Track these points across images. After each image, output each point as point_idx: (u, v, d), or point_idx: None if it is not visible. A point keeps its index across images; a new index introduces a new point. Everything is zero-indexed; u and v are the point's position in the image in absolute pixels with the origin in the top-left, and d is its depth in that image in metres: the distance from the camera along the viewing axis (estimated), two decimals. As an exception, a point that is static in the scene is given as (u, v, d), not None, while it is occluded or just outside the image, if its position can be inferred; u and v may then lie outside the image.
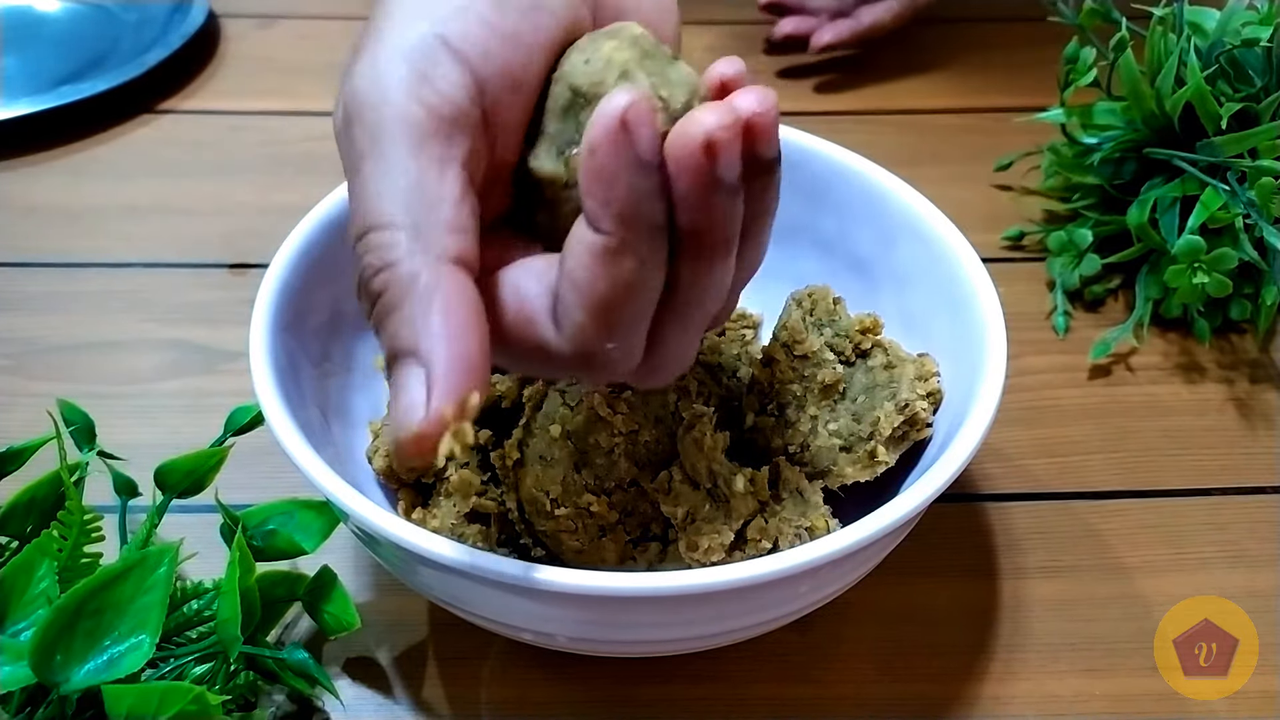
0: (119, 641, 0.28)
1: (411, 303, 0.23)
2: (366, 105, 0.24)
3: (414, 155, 0.24)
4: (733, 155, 0.23)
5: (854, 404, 0.36)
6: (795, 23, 0.68)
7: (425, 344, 0.23)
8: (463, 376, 0.23)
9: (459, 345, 0.23)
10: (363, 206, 0.24)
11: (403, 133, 0.24)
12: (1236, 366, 0.48)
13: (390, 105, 0.24)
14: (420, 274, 0.23)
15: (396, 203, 0.24)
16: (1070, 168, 0.53)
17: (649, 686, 0.35)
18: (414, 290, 0.23)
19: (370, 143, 0.24)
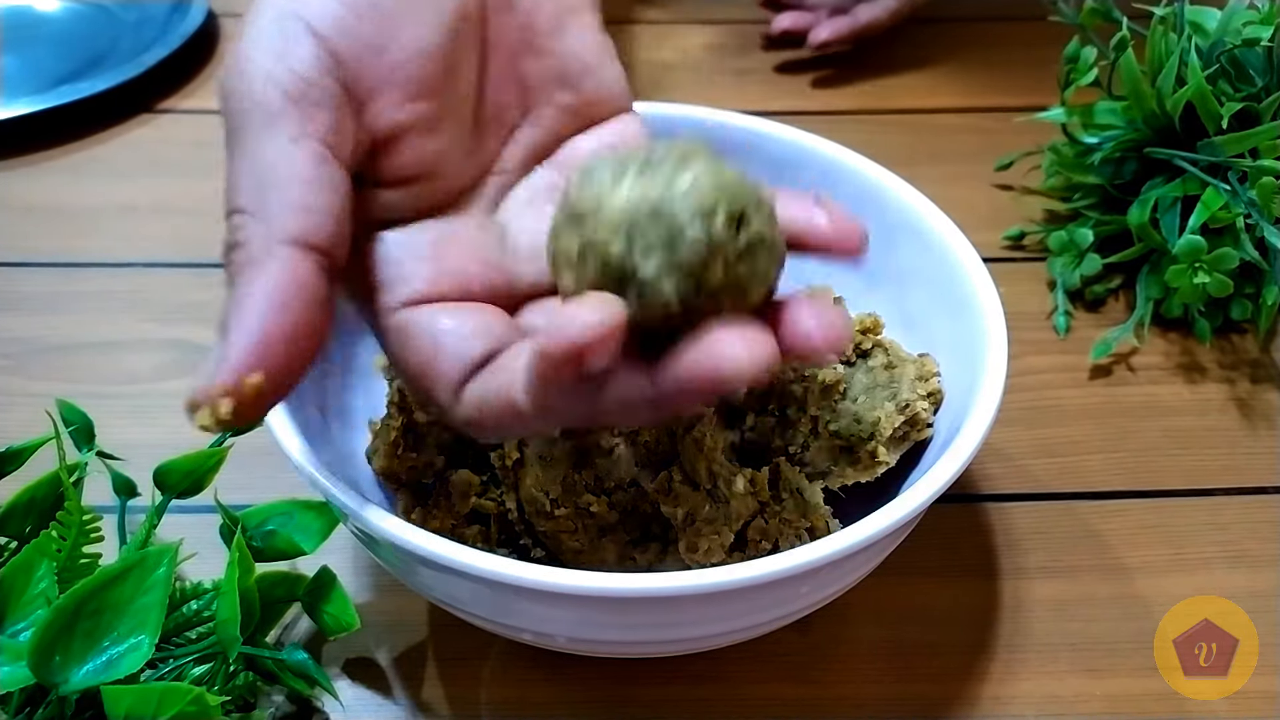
0: (118, 642, 0.28)
1: (239, 283, 0.24)
2: (230, 96, 0.25)
3: (263, 138, 0.25)
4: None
5: (854, 404, 0.36)
6: (792, 18, 0.68)
7: (230, 323, 0.24)
8: (247, 359, 0.23)
9: (256, 328, 0.24)
10: (227, 192, 0.25)
11: (256, 117, 0.25)
12: (1237, 366, 0.48)
13: (251, 94, 0.25)
14: (255, 258, 0.24)
15: (246, 187, 0.25)
16: (1071, 167, 0.53)
17: (649, 687, 0.35)
18: (245, 272, 0.24)
19: (235, 131, 0.25)
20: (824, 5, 0.69)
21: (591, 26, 0.30)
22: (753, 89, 0.67)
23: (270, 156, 0.25)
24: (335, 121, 0.25)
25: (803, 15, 0.69)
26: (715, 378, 0.22)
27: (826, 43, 0.67)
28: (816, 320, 0.24)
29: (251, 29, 0.26)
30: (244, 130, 0.25)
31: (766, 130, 0.42)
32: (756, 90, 0.67)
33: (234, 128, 0.25)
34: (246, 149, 0.25)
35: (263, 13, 0.26)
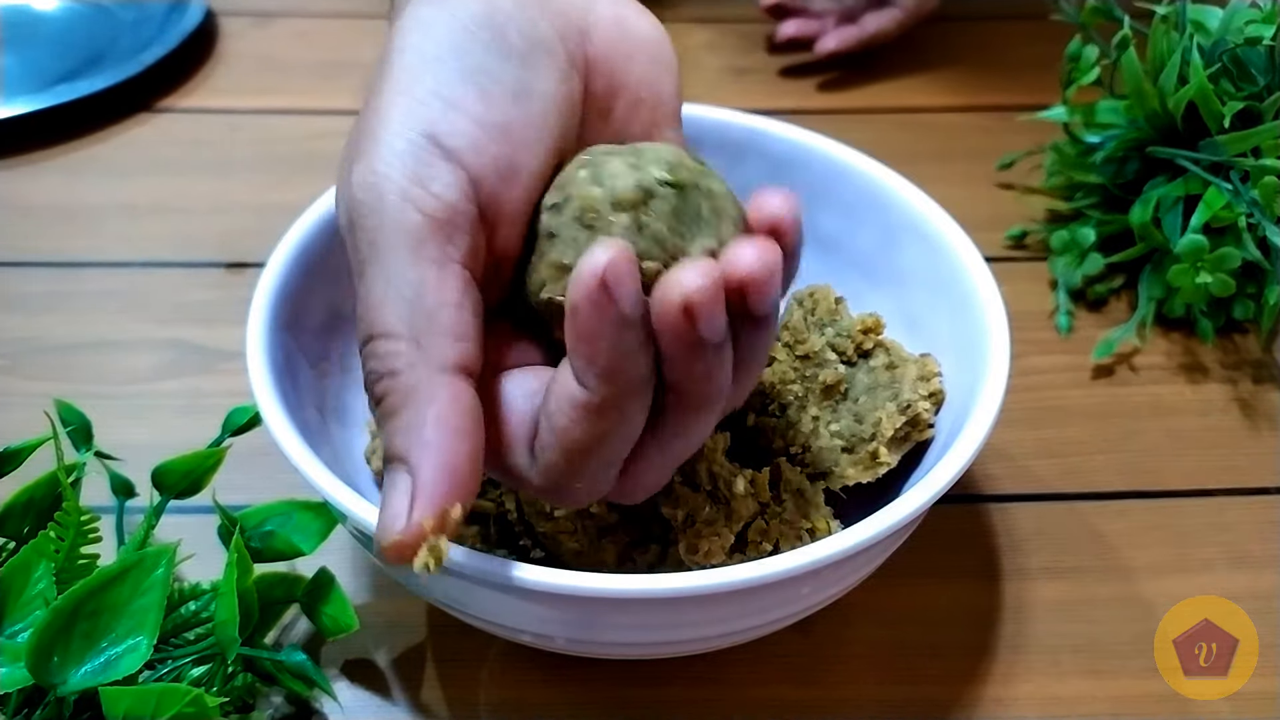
0: (116, 643, 0.28)
1: (408, 412, 0.24)
2: (365, 212, 0.25)
3: (412, 262, 0.24)
4: (713, 317, 0.23)
5: (856, 404, 0.36)
6: (798, 25, 0.68)
7: (415, 454, 0.24)
8: (446, 489, 0.23)
9: (446, 457, 0.24)
10: (367, 314, 0.25)
11: (401, 240, 0.24)
12: (1240, 366, 0.48)
13: (387, 212, 0.24)
14: (419, 385, 0.24)
15: (397, 312, 0.24)
16: (1073, 166, 0.53)
17: (649, 688, 0.35)
18: (411, 400, 0.24)
19: (371, 249, 0.24)
20: (829, 12, 0.69)
21: (677, 142, 0.30)
22: (753, 89, 0.67)
23: (417, 282, 0.24)
24: (474, 245, 0.25)
25: (808, 22, 0.68)
26: (674, 309, 0.23)
27: (834, 53, 0.67)
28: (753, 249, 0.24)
29: (380, 142, 0.25)
30: (383, 250, 0.24)
31: (767, 130, 0.42)
32: (756, 90, 0.67)
33: (370, 245, 0.25)
34: (388, 271, 0.24)
35: (389, 127, 0.25)
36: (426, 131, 0.25)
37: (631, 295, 0.22)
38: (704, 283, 0.23)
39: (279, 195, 0.55)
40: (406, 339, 0.24)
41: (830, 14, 0.69)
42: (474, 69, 0.26)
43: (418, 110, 0.25)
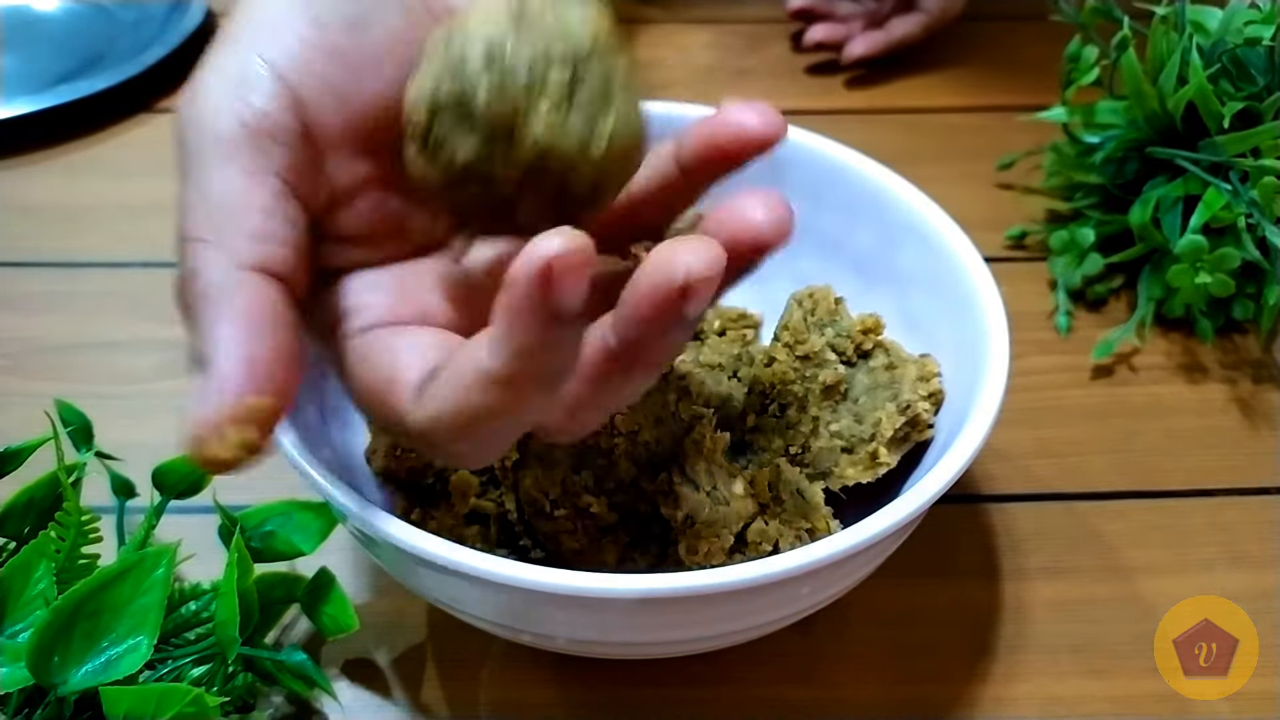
0: (117, 643, 0.28)
1: (206, 311, 0.23)
2: (187, 126, 0.25)
3: (221, 168, 0.24)
4: (702, 301, 0.22)
5: (855, 405, 0.36)
6: (825, 30, 0.68)
7: (210, 350, 0.23)
8: (244, 380, 0.23)
9: (244, 350, 0.23)
10: (180, 221, 0.24)
11: (215, 148, 0.24)
12: (1239, 367, 0.48)
13: (205, 122, 0.25)
14: (217, 284, 0.23)
15: (203, 216, 0.24)
16: (1072, 167, 0.53)
17: (649, 688, 0.35)
18: (209, 299, 0.23)
19: (189, 160, 0.25)
20: (854, 16, 0.69)
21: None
22: (753, 89, 0.67)
23: (226, 186, 0.24)
24: (294, 161, 0.25)
25: (835, 27, 0.69)
26: (670, 289, 0.22)
27: (861, 58, 0.67)
28: (762, 205, 0.24)
29: (213, 61, 0.26)
30: (199, 158, 0.25)
31: (767, 130, 0.42)
32: (756, 90, 0.67)
33: (188, 155, 0.25)
34: (201, 178, 0.24)
35: (226, 48, 0.26)
36: (256, 49, 0.25)
37: (572, 296, 0.21)
38: (706, 268, 0.22)
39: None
40: (209, 242, 0.24)
41: (855, 18, 0.69)
42: (314, 2, 0.26)
43: (252, 36, 0.25)
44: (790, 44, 0.71)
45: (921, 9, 0.68)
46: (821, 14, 0.70)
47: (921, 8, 0.68)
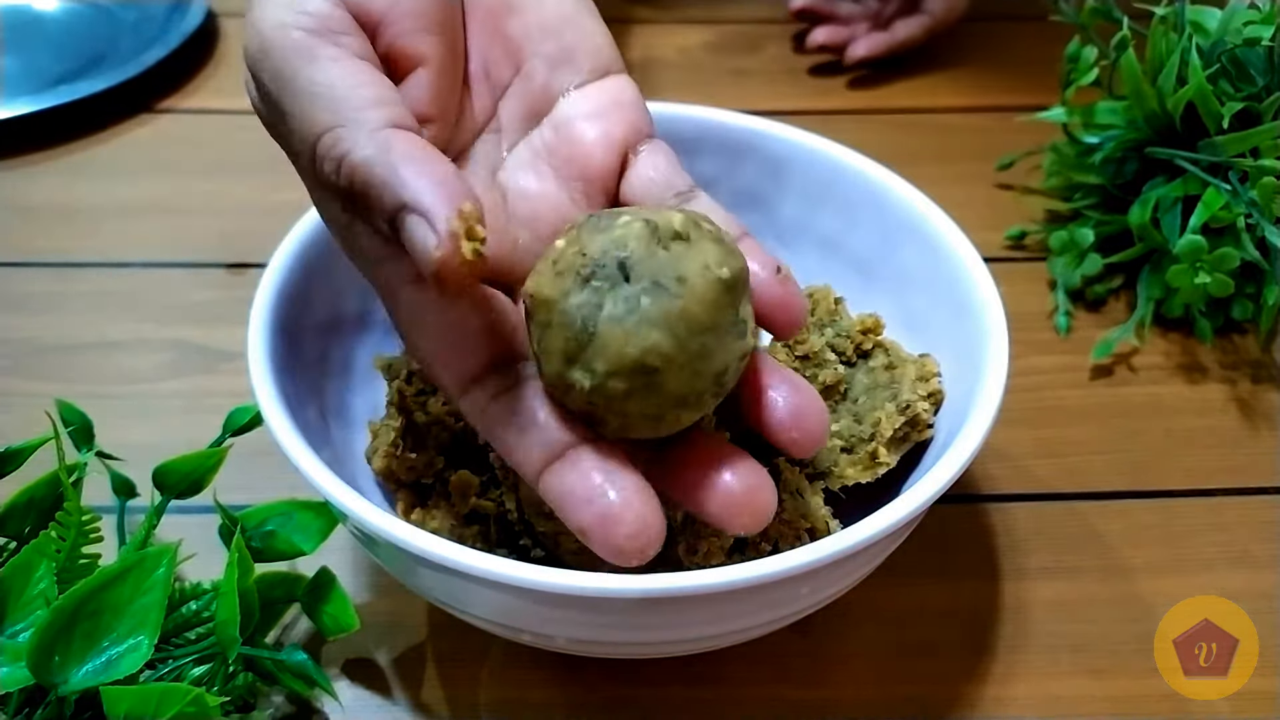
0: (117, 642, 0.28)
1: (377, 171, 0.24)
2: (261, 57, 0.26)
3: (313, 69, 0.26)
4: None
5: (855, 404, 0.36)
6: (828, 33, 0.69)
7: (407, 194, 0.24)
8: (447, 193, 0.24)
9: (433, 176, 0.24)
10: (300, 132, 0.26)
11: (296, 58, 0.26)
12: (1238, 366, 0.48)
13: (275, 45, 0.26)
14: (373, 148, 0.24)
15: (322, 109, 0.25)
16: (1072, 167, 0.53)
17: (649, 688, 0.35)
18: (373, 162, 0.24)
19: (278, 82, 0.26)
20: (857, 17, 0.69)
21: (613, 60, 0.31)
22: (753, 89, 0.67)
23: (325, 78, 0.25)
24: (359, 44, 0.27)
25: (839, 30, 0.69)
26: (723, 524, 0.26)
27: (864, 59, 0.67)
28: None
29: (258, 3, 0.27)
30: (287, 76, 0.26)
31: (766, 130, 0.42)
32: (756, 90, 0.67)
33: (277, 79, 0.26)
34: (297, 86, 0.26)
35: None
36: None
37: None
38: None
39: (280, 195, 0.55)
40: (341, 125, 0.25)
41: (858, 20, 0.69)
42: None
43: None
44: (792, 44, 0.71)
45: (925, 11, 0.68)
46: (824, 14, 0.70)
47: (925, 9, 0.68)
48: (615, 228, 0.25)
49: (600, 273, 0.24)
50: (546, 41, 0.30)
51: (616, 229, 0.25)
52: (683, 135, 0.43)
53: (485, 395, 0.26)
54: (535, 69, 0.30)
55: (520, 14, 0.30)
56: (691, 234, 0.25)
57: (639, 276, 0.24)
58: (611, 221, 0.25)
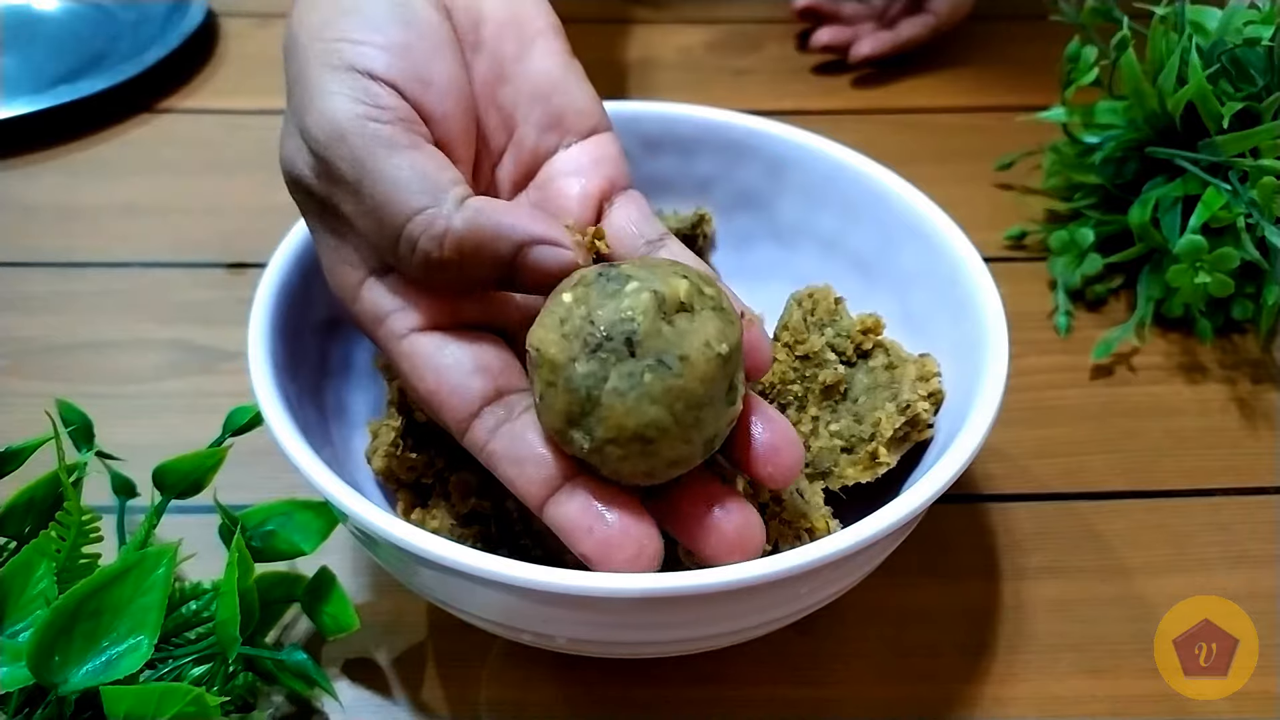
0: (117, 642, 0.28)
1: (486, 229, 0.27)
2: (335, 144, 0.28)
3: (397, 155, 0.27)
4: None
5: (855, 404, 0.36)
6: (832, 33, 0.69)
7: (518, 234, 0.27)
8: (548, 222, 0.28)
9: (527, 216, 0.28)
10: (386, 216, 0.27)
11: (378, 146, 0.27)
12: (1238, 366, 0.48)
13: (353, 134, 0.27)
14: (470, 215, 0.27)
15: (410, 194, 0.27)
16: (1072, 167, 0.53)
17: (649, 687, 0.35)
18: (478, 225, 0.27)
19: (356, 168, 0.27)
20: (861, 17, 0.69)
21: (553, 52, 0.32)
22: (753, 89, 0.67)
23: (411, 164, 0.27)
24: (427, 132, 0.29)
25: (842, 30, 0.69)
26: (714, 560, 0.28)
27: (868, 58, 0.67)
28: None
29: (319, 94, 0.28)
30: (370, 163, 0.27)
31: (766, 130, 0.42)
32: (756, 90, 0.67)
33: (357, 165, 0.27)
34: (384, 173, 0.27)
35: (317, 75, 0.28)
36: (349, 68, 0.28)
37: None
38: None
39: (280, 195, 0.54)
40: (432, 205, 0.27)
41: (862, 20, 0.69)
42: (360, 10, 0.29)
43: (332, 58, 0.28)
44: (794, 43, 0.71)
45: (930, 11, 0.68)
46: (827, 13, 0.70)
47: (930, 9, 0.68)
48: (624, 295, 0.26)
49: (607, 345, 0.26)
50: (535, 108, 0.32)
51: (625, 297, 0.26)
52: (683, 135, 0.43)
53: (485, 430, 0.28)
54: (526, 134, 0.32)
55: (511, 82, 0.32)
56: (695, 304, 0.26)
57: (645, 352, 0.25)
58: (619, 288, 0.26)
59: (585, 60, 0.33)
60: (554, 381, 0.26)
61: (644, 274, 0.26)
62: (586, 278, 0.27)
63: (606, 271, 0.27)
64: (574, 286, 0.27)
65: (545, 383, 0.26)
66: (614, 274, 0.26)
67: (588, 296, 0.26)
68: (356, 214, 0.28)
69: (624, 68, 0.69)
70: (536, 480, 0.27)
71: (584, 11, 0.72)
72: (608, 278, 0.26)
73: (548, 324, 0.27)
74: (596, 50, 0.69)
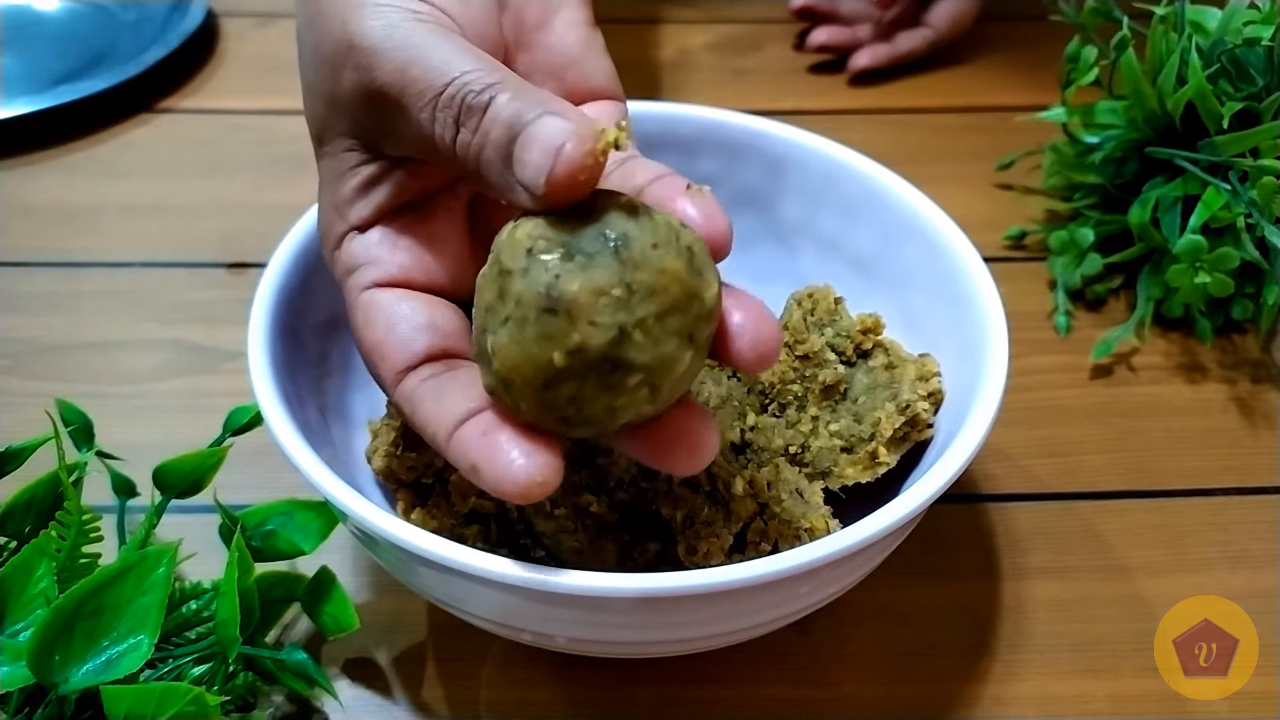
0: (117, 642, 0.28)
1: (523, 93, 0.25)
2: (387, 33, 0.27)
3: (446, 39, 0.27)
4: None
5: (855, 404, 0.36)
6: (829, 34, 0.69)
7: (552, 104, 0.24)
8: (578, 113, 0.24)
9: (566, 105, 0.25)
10: (433, 76, 0.26)
11: (428, 32, 0.27)
12: (1238, 366, 0.48)
13: (407, 24, 0.27)
14: (523, 84, 0.26)
15: (468, 65, 0.26)
16: (1072, 167, 0.53)
17: (649, 687, 0.35)
18: (522, 89, 0.25)
19: (408, 49, 0.26)
20: (859, 18, 0.69)
21: (576, 22, 0.31)
22: (753, 89, 0.67)
23: (459, 48, 0.26)
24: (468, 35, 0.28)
25: (840, 31, 0.69)
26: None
27: (866, 69, 0.67)
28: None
29: (357, 5, 0.27)
30: (422, 42, 0.26)
31: (766, 130, 0.42)
32: (756, 90, 0.67)
33: (408, 46, 0.26)
34: (433, 50, 0.26)
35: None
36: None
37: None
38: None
39: (280, 195, 0.55)
40: (481, 68, 0.26)
41: (860, 20, 0.69)
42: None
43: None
44: (793, 41, 0.71)
45: (929, 25, 0.68)
46: (825, 13, 0.70)
47: (929, 23, 0.68)
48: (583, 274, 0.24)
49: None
50: (548, 82, 0.31)
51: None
52: (683, 135, 0.43)
53: (417, 379, 0.27)
54: None
55: (529, 51, 0.31)
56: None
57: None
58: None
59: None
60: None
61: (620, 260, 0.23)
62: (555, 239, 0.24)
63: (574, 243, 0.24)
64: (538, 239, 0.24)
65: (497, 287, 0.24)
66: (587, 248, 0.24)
67: (532, 269, 0.24)
68: (394, 101, 0.26)
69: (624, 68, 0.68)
70: (449, 412, 0.26)
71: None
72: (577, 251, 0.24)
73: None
74: (596, 50, 0.69)
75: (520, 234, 0.24)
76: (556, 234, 0.24)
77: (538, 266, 0.23)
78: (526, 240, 0.24)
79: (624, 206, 0.24)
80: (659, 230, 0.24)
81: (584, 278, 0.23)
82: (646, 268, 0.23)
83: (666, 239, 0.24)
